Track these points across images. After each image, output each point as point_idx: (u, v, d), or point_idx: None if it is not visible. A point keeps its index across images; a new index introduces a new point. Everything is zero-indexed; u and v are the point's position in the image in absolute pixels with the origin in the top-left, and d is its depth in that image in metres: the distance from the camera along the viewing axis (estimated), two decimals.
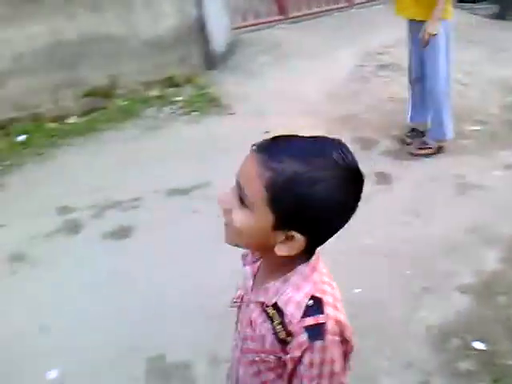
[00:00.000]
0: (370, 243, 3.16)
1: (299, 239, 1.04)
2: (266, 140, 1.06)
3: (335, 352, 1.06)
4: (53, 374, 2.49)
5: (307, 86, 5.17)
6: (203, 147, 4.28)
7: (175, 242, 3.25)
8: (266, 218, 1.03)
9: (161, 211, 3.56)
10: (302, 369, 1.06)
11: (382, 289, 2.84)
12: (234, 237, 1.10)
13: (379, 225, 3.32)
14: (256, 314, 1.14)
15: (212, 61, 5.66)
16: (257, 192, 1.02)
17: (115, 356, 2.51)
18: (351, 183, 1.04)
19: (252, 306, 1.16)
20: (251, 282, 1.20)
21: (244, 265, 1.26)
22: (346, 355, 1.09)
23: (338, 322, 1.06)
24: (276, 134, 1.08)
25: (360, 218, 3.48)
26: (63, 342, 2.62)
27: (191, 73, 5.48)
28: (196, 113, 4.97)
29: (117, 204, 3.69)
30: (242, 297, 1.25)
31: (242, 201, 1.05)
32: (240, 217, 1.06)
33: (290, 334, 1.06)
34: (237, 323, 1.27)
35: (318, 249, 1.12)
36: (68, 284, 3.01)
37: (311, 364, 1.04)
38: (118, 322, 2.70)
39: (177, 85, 5.38)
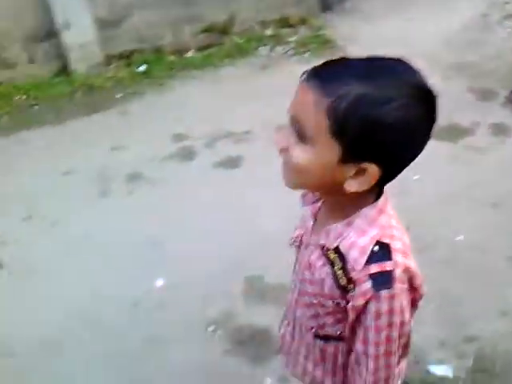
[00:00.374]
0: (479, 193, 3.10)
1: (373, 171, 0.93)
2: (317, 65, 0.96)
3: (404, 301, 0.98)
4: (160, 282, 2.73)
5: (426, 32, 4.98)
6: None
7: (278, 175, 3.35)
8: (331, 150, 0.93)
9: (269, 145, 3.65)
10: (368, 319, 0.98)
11: (485, 238, 2.80)
12: (295, 177, 1.01)
13: (492, 176, 3.23)
14: (315, 256, 1.08)
15: (328, 3, 5.59)
16: (317, 123, 0.91)
17: (218, 272, 2.68)
18: (423, 102, 0.93)
19: (311, 247, 1.10)
20: (311, 223, 1.14)
21: (303, 205, 1.21)
22: (413, 303, 1.03)
23: (407, 270, 0.98)
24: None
25: (473, 168, 3.43)
26: (172, 255, 2.84)
27: (306, 14, 5.46)
28: (308, 54, 4.97)
29: (229, 135, 3.85)
30: (302, 237, 1.19)
31: (301, 136, 0.95)
32: (300, 154, 0.96)
33: (351, 281, 0.99)
34: (295, 264, 1.22)
35: (386, 189, 1.03)
36: (180, 205, 3.22)
37: (378, 314, 0.97)
38: (222, 243, 2.87)
39: (291, 25, 5.39)
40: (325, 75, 0.93)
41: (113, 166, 3.66)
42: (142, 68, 4.83)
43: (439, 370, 2.12)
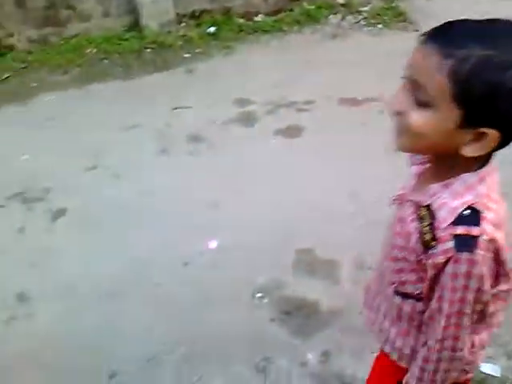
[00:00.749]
0: None
1: (493, 136, 0.92)
2: (436, 27, 0.94)
3: (485, 269, 0.97)
4: (213, 244, 2.78)
5: (508, 8, 4.75)
6: (381, 61, 4.20)
7: (339, 149, 3.33)
8: (450, 114, 0.92)
9: (331, 118, 3.64)
10: (445, 278, 1.00)
11: None
12: (410, 141, 1.00)
13: None
14: (409, 212, 1.09)
15: None
16: (438, 86, 0.90)
17: (270, 240, 2.72)
18: None
19: (408, 204, 1.11)
20: (413, 182, 1.15)
21: (410, 164, 1.20)
22: (497, 276, 1.02)
23: (493, 241, 0.96)
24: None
25: None
26: (227, 219, 2.89)
27: None
28: (380, 26, 4.85)
29: (291, 104, 3.84)
30: (403, 196, 1.19)
31: (419, 100, 0.95)
32: (419, 118, 0.95)
33: (435, 238, 0.99)
34: (393, 219, 1.23)
35: (494, 161, 1.01)
36: (238, 170, 3.26)
37: (455, 275, 0.98)
38: (277, 211, 2.89)
39: None
40: (444, 37, 0.92)
41: (175, 125, 3.73)
42: (212, 29, 4.84)
43: (486, 368, 2.07)
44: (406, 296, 1.16)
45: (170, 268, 2.64)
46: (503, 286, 1.08)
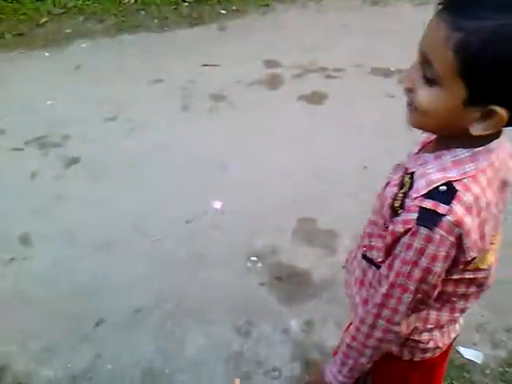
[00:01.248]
0: None
1: (500, 114, 0.86)
2: None
3: (441, 251, 0.93)
4: (217, 205, 2.78)
5: None
6: (421, 33, 4.03)
7: (361, 120, 3.24)
8: (456, 92, 0.86)
9: (359, 87, 3.53)
10: (399, 247, 0.97)
11: None
12: (419, 119, 0.96)
13: None
14: (396, 176, 1.06)
15: None
16: (445, 61, 0.84)
17: (274, 206, 2.70)
18: None
19: (399, 169, 1.07)
20: (416, 150, 1.09)
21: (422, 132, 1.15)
22: (456, 263, 0.97)
23: (460, 224, 0.90)
24: None
25: None
26: (236, 181, 2.88)
27: None
28: None
29: (321, 70, 3.74)
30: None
31: (426, 77, 0.90)
32: (424, 95, 0.91)
33: (403, 206, 0.96)
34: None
35: (496, 144, 0.95)
36: (256, 133, 3.21)
37: (409, 247, 0.95)
38: (286, 178, 2.86)
39: None
40: (458, 7, 0.83)
41: (200, 82, 3.70)
42: None
43: (468, 353, 2.03)
44: (371, 262, 1.14)
45: (171, 224, 2.66)
46: (468, 274, 1.05)
